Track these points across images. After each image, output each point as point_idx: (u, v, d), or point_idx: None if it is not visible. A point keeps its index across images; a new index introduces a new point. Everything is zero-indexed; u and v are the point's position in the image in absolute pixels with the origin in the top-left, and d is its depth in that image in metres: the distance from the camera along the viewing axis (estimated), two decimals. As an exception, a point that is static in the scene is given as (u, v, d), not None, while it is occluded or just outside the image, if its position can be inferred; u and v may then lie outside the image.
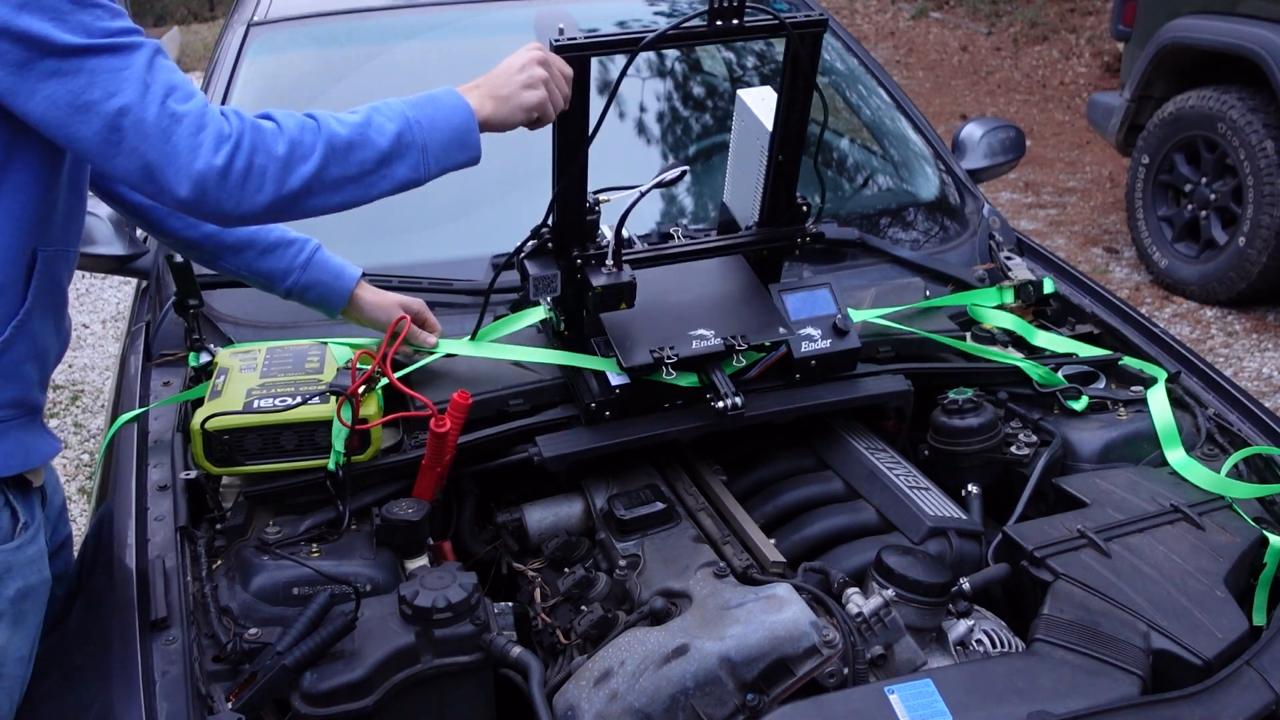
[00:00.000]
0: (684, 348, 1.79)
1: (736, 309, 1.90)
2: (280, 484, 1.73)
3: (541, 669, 1.47)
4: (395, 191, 1.50)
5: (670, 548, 1.71)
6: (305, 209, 1.44)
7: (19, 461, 1.45)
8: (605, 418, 1.81)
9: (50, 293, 1.47)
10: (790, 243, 1.95)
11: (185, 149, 1.32)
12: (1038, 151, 7.48)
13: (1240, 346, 4.79)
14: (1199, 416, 2.00)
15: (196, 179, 1.34)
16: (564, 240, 1.77)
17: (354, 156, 1.44)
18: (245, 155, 1.36)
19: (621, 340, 1.79)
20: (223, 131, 1.35)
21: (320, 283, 1.87)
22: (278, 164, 1.39)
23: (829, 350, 1.90)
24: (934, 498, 1.82)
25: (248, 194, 1.37)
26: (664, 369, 1.77)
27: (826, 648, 1.45)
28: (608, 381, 1.81)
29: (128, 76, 1.30)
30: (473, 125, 1.52)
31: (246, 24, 2.81)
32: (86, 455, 4.28)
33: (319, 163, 1.41)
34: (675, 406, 1.85)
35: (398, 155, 1.47)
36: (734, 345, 1.80)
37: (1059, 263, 2.47)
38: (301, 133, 1.41)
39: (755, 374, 1.89)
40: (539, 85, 1.54)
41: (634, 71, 2.90)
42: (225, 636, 1.49)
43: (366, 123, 1.46)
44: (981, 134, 2.93)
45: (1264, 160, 4.67)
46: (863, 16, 11.79)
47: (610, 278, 1.75)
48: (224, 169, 1.35)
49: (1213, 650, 1.50)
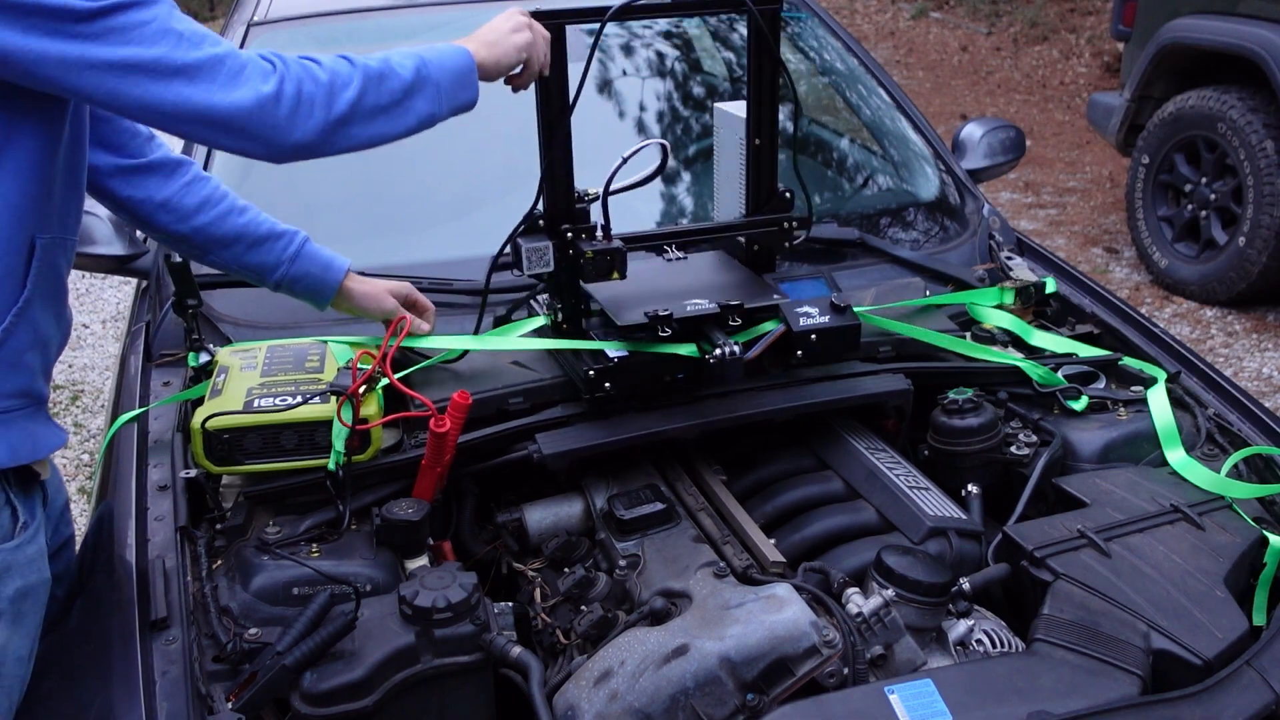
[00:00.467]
0: (679, 311, 1.79)
1: (729, 287, 1.91)
2: (280, 484, 1.73)
3: (541, 669, 1.47)
4: (417, 128, 1.60)
5: (670, 548, 1.71)
6: (345, 140, 1.51)
7: (26, 452, 1.45)
8: (605, 390, 1.79)
9: (49, 280, 1.47)
10: (778, 229, 1.95)
11: (233, 84, 1.39)
12: (1038, 151, 7.48)
13: (1240, 346, 4.79)
14: (1199, 416, 2.00)
15: (251, 110, 1.40)
16: (555, 218, 1.80)
17: (385, 86, 1.53)
18: (294, 83, 1.44)
19: (616, 309, 1.80)
20: (266, 67, 1.42)
21: (309, 275, 1.87)
22: (324, 90, 1.46)
23: (829, 324, 1.86)
24: (934, 498, 1.82)
25: (299, 120, 1.44)
26: (660, 327, 1.76)
27: (826, 648, 1.45)
28: (606, 356, 1.81)
29: (157, 28, 1.34)
30: (472, 67, 1.63)
31: (246, 24, 2.81)
32: (86, 455, 4.28)
33: (359, 90, 1.50)
34: (675, 399, 1.85)
35: (418, 89, 1.57)
36: (728, 306, 1.80)
37: (1059, 263, 2.47)
38: (337, 64, 1.51)
39: (755, 354, 1.82)
40: (524, 30, 1.67)
41: (634, 72, 2.90)
42: (225, 636, 1.49)
43: (388, 59, 1.56)
44: (981, 134, 2.93)
45: (1264, 160, 4.67)
46: (863, 16, 11.79)
47: (601, 245, 1.78)
48: (275, 96, 1.41)
49: (1213, 650, 1.50)
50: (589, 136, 1.76)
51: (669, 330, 1.77)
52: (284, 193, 2.46)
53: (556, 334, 1.92)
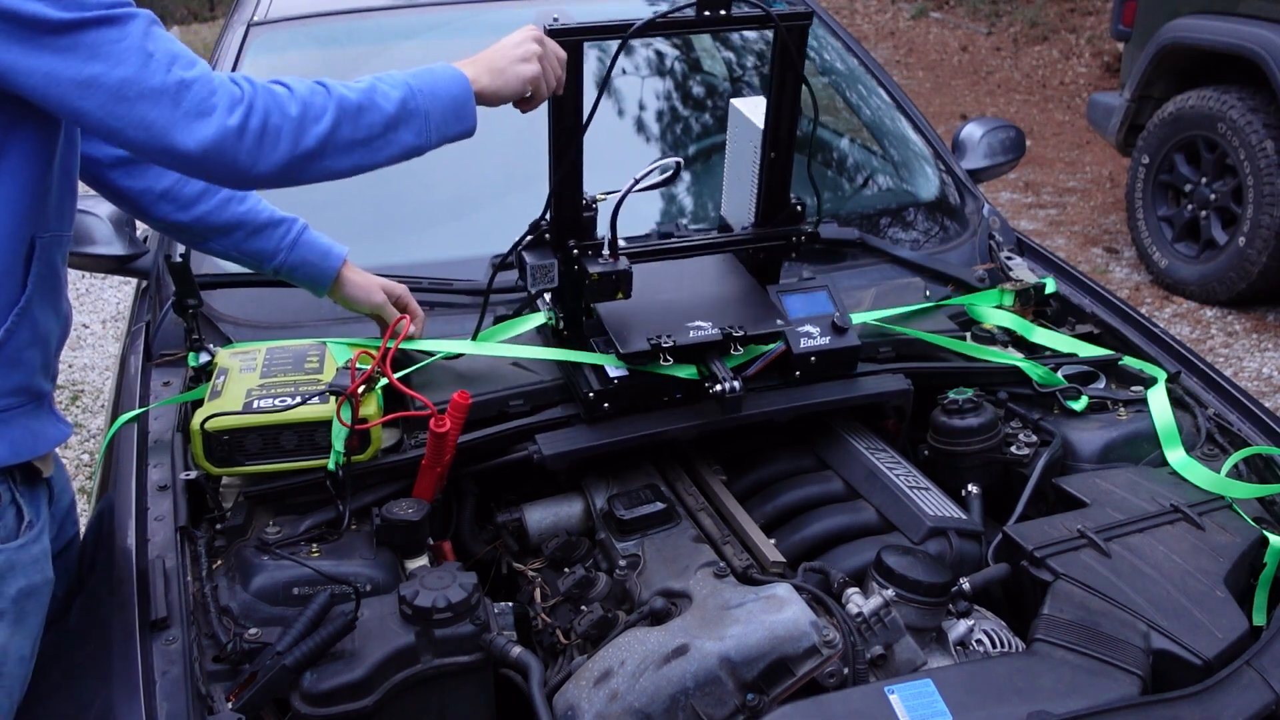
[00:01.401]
0: (681, 337, 1.79)
1: (733, 305, 1.90)
2: (280, 484, 1.73)
3: (541, 669, 1.47)
4: (400, 158, 1.54)
5: (670, 548, 1.71)
6: (316, 171, 1.46)
7: (27, 448, 1.45)
8: (604, 410, 1.80)
9: (48, 278, 1.47)
10: (786, 243, 1.95)
11: (197, 112, 1.34)
12: (1038, 151, 7.48)
13: (1240, 346, 4.79)
14: (1199, 416, 2.00)
15: (213, 141, 1.35)
16: (561, 233, 1.78)
17: (363, 119, 1.47)
18: (260, 115, 1.38)
19: (619, 331, 1.80)
20: (234, 94, 1.37)
21: (307, 262, 1.87)
22: (292, 124, 1.41)
23: (828, 347, 1.89)
24: (934, 498, 1.82)
25: (264, 153, 1.39)
26: (661, 356, 1.76)
27: (826, 648, 1.45)
28: (606, 375, 1.81)
29: (127, 47, 1.31)
30: (469, 96, 1.56)
31: (246, 24, 2.81)
32: (86, 455, 4.28)
33: (331, 124, 1.44)
34: (675, 402, 1.85)
35: (403, 121, 1.51)
36: (731, 334, 1.80)
37: (1059, 263, 2.47)
38: (312, 95, 1.44)
39: (754, 371, 1.87)
40: (534, 60, 1.60)
41: (634, 71, 2.90)
42: (225, 636, 1.49)
43: (372, 89, 1.50)
44: (981, 134, 2.93)
45: (1264, 160, 4.67)
46: (863, 16, 11.79)
47: (606, 266, 1.76)
48: (239, 129, 1.37)
49: (1213, 650, 1.50)
50: (592, 134, 1.74)
51: (670, 360, 1.78)
52: (284, 192, 2.46)
53: (557, 339, 1.92)
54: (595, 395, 1.79)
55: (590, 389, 1.80)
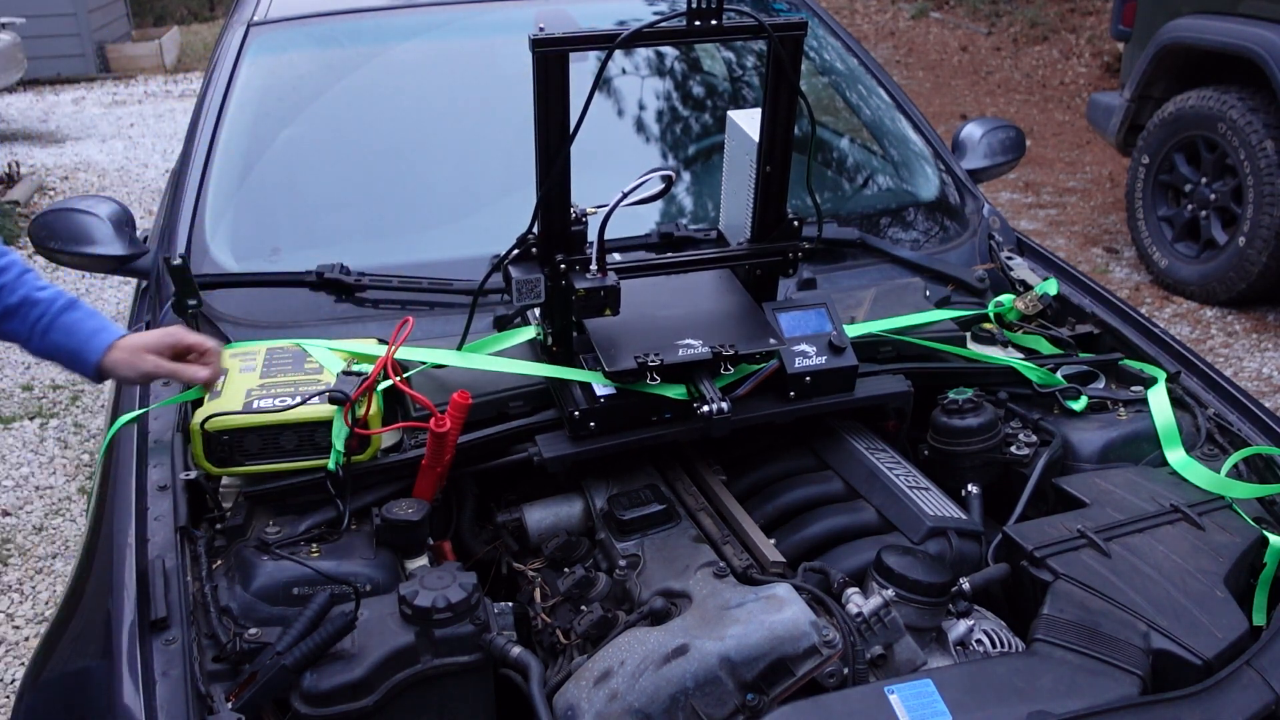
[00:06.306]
0: (670, 355, 1.75)
1: (726, 323, 1.86)
2: (280, 484, 1.73)
3: (541, 669, 1.47)
4: None
5: (670, 548, 1.71)
6: None
7: None
8: (590, 429, 1.77)
9: None
10: (782, 259, 1.92)
11: None
12: (1038, 151, 7.49)
13: (1240, 346, 4.79)
14: (1199, 416, 2.00)
15: None
16: (549, 246, 1.76)
17: None
18: None
19: (606, 348, 1.77)
20: None
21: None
22: None
23: (824, 367, 1.85)
24: (934, 498, 1.82)
25: None
26: (649, 375, 1.74)
27: (826, 648, 1.45)
28: (593, 392, 1.79)
29: None
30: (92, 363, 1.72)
31: (246, 24, 2.81)
32: (86, 455, 4.28)
33: None
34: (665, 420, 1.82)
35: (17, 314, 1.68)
36: (721, 353, 1.77)
37: (1059, 263, 2.47)
38: None
39: (744, 392, 1.83)
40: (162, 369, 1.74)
41: (632, 71, 2.90)
42: (225, 636, 1.49)
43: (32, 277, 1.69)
44: (981, 134, 2.93)
45: (1264, 160, 4.67)
46: (863, 16, 11.79)
47: (594, 282, 1.73)
48: None
49: (1213, 650, 1.50)
50: (586, 139, 1.73)
51: (658, 379, 1.75)
52: (285, 193, 2.46)
53: (546, 354, 1.90)
54: (581, 415, 1.77)
55: (576, 408, 1.77)
